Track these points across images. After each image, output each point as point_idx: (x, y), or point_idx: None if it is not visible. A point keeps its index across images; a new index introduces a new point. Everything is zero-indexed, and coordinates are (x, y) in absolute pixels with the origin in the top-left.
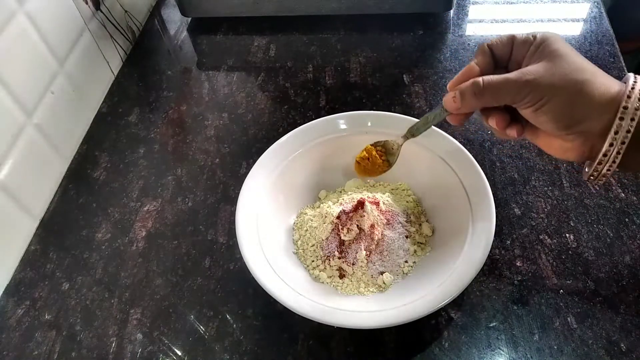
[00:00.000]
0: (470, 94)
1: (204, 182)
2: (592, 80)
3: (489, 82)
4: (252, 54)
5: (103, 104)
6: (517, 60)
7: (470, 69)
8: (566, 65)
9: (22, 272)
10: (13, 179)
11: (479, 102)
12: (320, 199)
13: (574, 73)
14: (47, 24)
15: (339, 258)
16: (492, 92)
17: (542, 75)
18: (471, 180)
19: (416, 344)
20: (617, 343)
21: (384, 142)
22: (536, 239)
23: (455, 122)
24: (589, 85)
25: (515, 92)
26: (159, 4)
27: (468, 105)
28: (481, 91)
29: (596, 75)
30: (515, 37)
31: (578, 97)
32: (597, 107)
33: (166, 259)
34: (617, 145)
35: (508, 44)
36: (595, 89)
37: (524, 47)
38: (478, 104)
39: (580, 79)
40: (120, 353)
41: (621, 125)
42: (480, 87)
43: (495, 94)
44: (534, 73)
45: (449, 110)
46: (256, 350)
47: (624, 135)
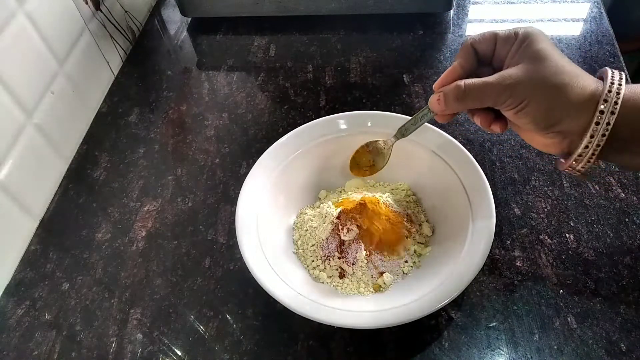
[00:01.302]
0: (453, 98)
1: (204, 182)
2: (570, 83)
3: (470, 86)
4: (252, 54)
5: (103, 104)
6: (500, 57)
7: (454, 69)
8: (546, 68)
9: (22, 272)
10: (13, 179)
11: (462, 105)
12: (320, 199)
13: (553, 77)
14: (47, 24)
15: (339, 258)
16: (473, 96)
17: (522, 79)
18: (471, 180)
19: (416, 344)
20: (617, 343)
21: (375, 143)
22: (536, 239)
23: (442, 121)
24: (566, 89)
25: (496, 96)
26: (159, 4)
27: (451, 108)
28: (463, 95)
29: (575, 76)
30: (498, 35)
31: (556, 100)
32: (574, 108)
33: (166, 259)
34: (592, 147)
35: (491, 41)
36: (572, 91)
37: (506, 44)
38: (461, 107)
39: (558, 82)
40: (120, 353)
41: (597, 130)
42: (462, 91)
43: (477, 98)
44: (514, 77)
45: (435, 111)
46: (256, 350)
47: (599, 139)
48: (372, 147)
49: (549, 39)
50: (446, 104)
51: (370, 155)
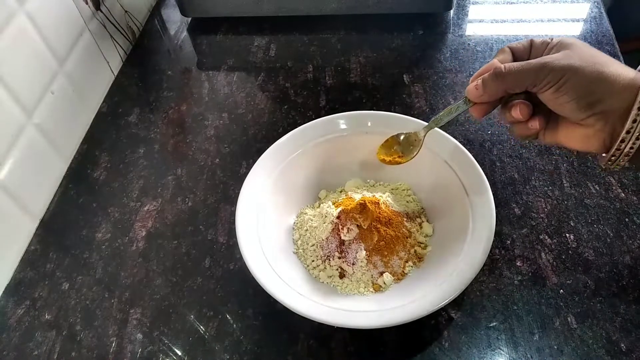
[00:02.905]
0: (492, 79)
1: (204, 182)
2: (609, 62)
3: (510, 66)
4: (252, 54)
5: (103, 104)
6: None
7: (492, 64)
8: (584, 51)
9: (22, 272)
10: (13, 179)
11: (501, 85)
12: (320, 199)
13: (591, 57)
14: (47, 24)
15: (339, 258)
16: (513, 75)
17: (561, 58)
18: (471, 180)
19: (416, 344)
20: (617, 343)
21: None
22: (536, 239)
23: (477, 114)
24: (607, 66)
25: (535, 74)
26: (159, 4)
27: (490, 91)
28: (503, 75)
29: (613, 61)
30: (534, 41)
31: (597, 75)
32: (616, 86)
33: (166, 259)
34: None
35: (527, 46)
36: (613, 70)
37: (541, 47)
38: (500, 88)
39: (598, 60)
40: (120, 353)
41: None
42: (502, 72)
43: (516, 77)
44: (553, 57)
45: (472, 98)
46: (256, 350)
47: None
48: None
49: None
50: (485, 87)
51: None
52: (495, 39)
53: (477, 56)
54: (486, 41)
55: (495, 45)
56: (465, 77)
